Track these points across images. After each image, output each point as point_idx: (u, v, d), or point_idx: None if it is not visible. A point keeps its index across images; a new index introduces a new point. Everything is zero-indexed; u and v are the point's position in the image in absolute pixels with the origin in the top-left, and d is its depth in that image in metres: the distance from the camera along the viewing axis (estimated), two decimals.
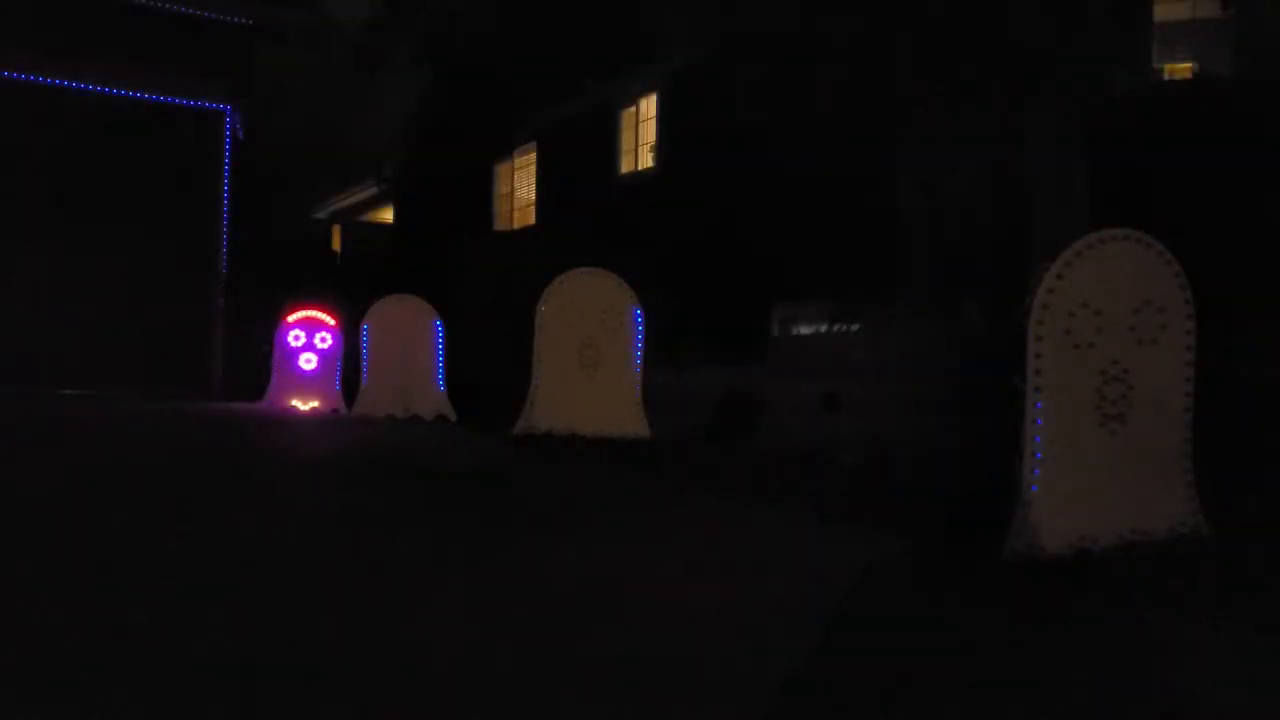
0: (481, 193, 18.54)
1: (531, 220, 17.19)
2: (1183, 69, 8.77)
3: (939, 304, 7.97)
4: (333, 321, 11.49)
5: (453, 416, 10.30)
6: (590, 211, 14.63)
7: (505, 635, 2.83)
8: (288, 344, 11.41)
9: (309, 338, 11.41)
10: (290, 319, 11.43)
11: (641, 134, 14.36)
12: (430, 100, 18.73)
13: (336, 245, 23.91)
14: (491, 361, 10.70)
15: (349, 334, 11.21)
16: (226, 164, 14.01)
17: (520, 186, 17.95)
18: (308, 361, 11.40)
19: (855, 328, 8.51)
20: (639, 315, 8.11)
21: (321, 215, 24.42)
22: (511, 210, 18.15)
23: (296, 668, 2.49)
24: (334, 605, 3.11)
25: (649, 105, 14.15)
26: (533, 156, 17.29)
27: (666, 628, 2.97)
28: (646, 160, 14.22)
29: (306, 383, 11.36)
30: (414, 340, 10.51)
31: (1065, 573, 3.71)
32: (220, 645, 2.64)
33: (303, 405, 11.24)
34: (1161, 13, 8.87)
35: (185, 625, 2.81)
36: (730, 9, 8.21)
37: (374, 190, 21.47)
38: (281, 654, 2.60)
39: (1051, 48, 6.72)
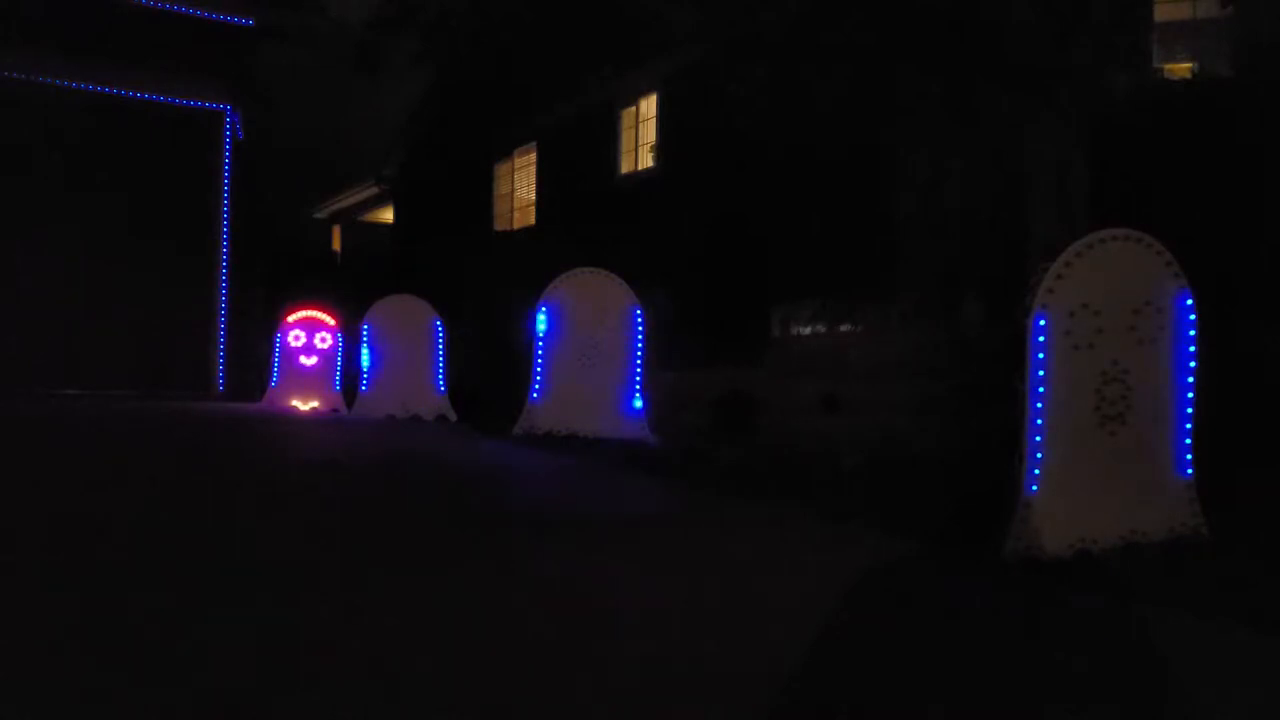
0: (481, 193, 18.53)
1: (531, 220, 17.18)
2: (1183, 69, 8.76)
3: (939, 304, 7.97)
4: (333, 321, 11.48)
5: (453, 417, 10.30)
6: (590, 212, 14.62)
7: (502, 633, 2.83)
8: (288, 344, 11.41)
9: (309, 338, 11.40)
10: (290, 319, 11.44)
11: (641, 134, 14.35)
12: (430, 100, 18.72)
13: (336, 245, 23.93)
14: (491, 362, 10.71)
15: (349, 334, 11.21)
16: (226, 164, 14.02)
17: (520, 186, 17.94)
18: (308, 362, 11.40)
19: (855, 328, 8.51)
20: (639, 315, 8.11)
21: (321, 215, 24.42)
22: (511, 210, 18.14)
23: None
24: (332, 605, 3.11)
25: (649, 105, 14.14)
26: (533, 156, 17.28)
27: (663, 627, 2.97)
28: (646, 160, 14.20)
29: (306, 383, 11.36)
30: (414, 340, 10.50)
31: (1065, 573, 3.70)
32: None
33: (303, 405, 11.24)
34: (1161, 13, 8.86)
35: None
36: (731, 9, 8.20)
37: (374, 190, 21.45)
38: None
39: (1051, 47, 6.71)
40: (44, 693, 2.30)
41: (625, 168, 14.68)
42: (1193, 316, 4.15)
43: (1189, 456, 4.16)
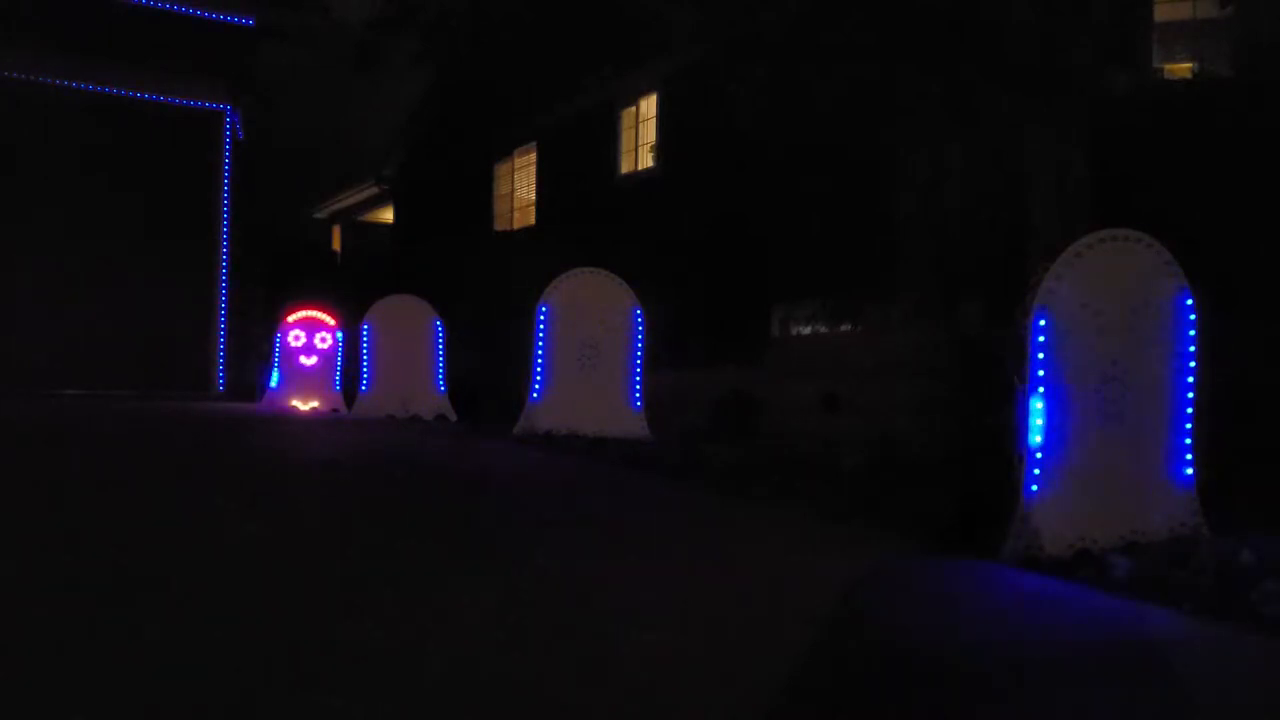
0: (481, 193, 18.53)
1: (531, 220, 17.19)
2: (1183, 69, 8.76)
3: (939, 304, 7.97)
4: (333, 321, 11.49)
5: (453, 417, 10.30)
6: (590, 212, 14.63)
7: (501, 632, 2.83)
8: (288, 344, 11.42)
9: (309, 338, 11.41)
10: (290, 319, 11.44)
11: (641, 134, 14.36)
12: (430, 100, 18.73)
13: (336, 245, 23.95)
14: (491, 362, 10.71)
15: (349, 334, 11.22)
16: (226, 164, 14.03)
17: (520, 186, 17.95)
18: (308, 362, 11.40)
19: (855, 328, 8.52)
20: (639, 315, 8.11)
21: (321, 215, 24.43)
22: (511, 210, 18.15)
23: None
24: (336, 604, 3.11)
25: (649, 105, 14.15)
26: (533, 156, 17.29)
27: (664, 627, 2.97)
28: (646, 160, 14.21)
29: (306, 383, 11.36)
30: (414, 340, 10.51)
31: (1065, 573, 3.71)
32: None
33: (303, 405, 11.24)
34: (1161, 13, 8.87)
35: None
36: (731, 9, 8.21)
37: (374, 190, 21.46)
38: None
39: (1051, 47, 6.72)
40: (45, 693, 2.30)
41: (625, 168, 14.69)
42: (1193, 316, 4.15)
43: (1189, 456, 4.17)
